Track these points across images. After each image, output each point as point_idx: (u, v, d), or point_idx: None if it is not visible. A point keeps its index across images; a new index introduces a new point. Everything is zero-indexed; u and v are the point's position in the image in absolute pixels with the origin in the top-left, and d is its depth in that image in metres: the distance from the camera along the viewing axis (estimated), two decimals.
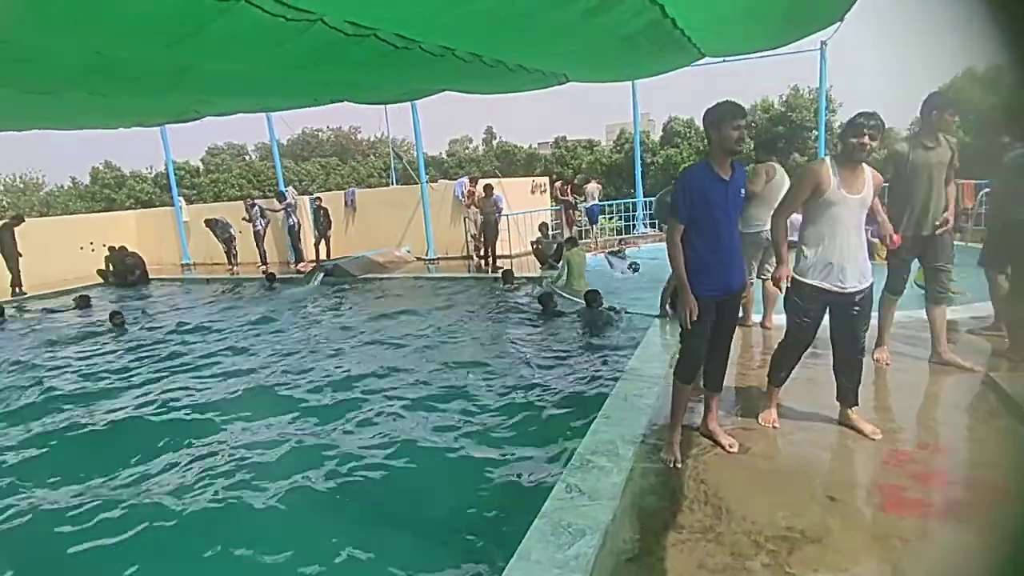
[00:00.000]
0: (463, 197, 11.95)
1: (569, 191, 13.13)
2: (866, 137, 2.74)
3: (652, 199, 14.41)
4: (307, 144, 41.25)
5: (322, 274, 10.78)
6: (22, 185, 32.56)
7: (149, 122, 8.69)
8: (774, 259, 5.04)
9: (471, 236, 11.62)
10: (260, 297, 10.30)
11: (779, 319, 4.31)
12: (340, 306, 9.05)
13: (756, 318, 5.15)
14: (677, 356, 2.94)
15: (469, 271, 10.86)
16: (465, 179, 12.42)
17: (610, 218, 15.65)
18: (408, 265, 12.07)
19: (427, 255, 12.42)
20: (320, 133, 42.39)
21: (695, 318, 2.70)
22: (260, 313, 8.60)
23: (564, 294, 7.89)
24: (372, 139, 42.34)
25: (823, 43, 12.11)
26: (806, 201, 2.93)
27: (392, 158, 18.67)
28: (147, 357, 6.56)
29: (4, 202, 30.64)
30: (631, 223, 14.32)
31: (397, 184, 17.38)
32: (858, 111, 2.81)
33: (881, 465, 2.72)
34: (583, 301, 6.61)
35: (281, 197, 13.14)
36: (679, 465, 2.79)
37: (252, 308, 9.24)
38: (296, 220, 12.68)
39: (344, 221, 14.00)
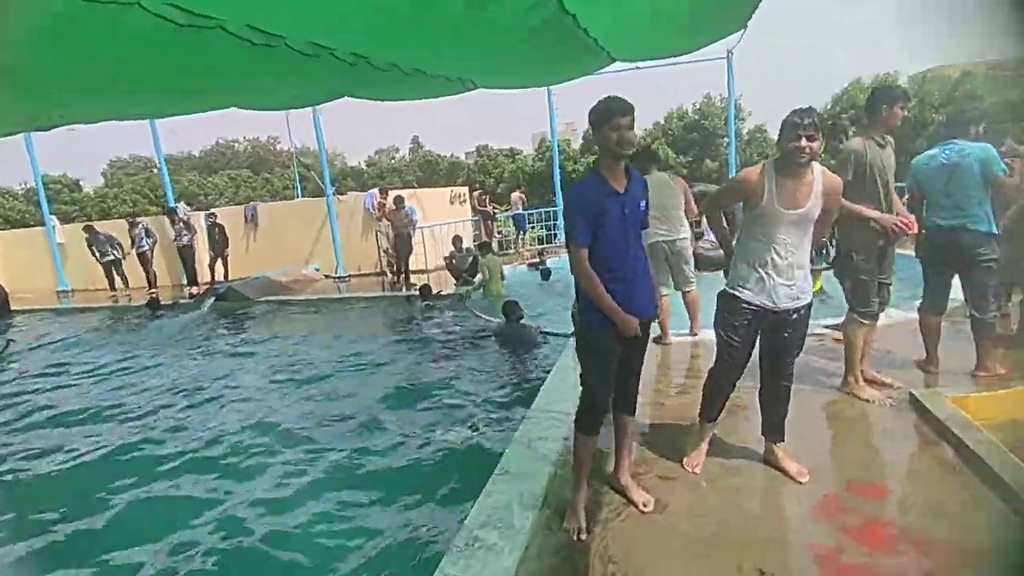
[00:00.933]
0: (374, 210, 11.21)
1: (488, 201, 12.68)
2: (803, 140, 2.34)
3: None
4: (221, 155, 38.70)
5: (212, 298, 9.69)
6: None
7: None
8: (688, 266, 4.87)
9: (383, 251, 10.91)
10: (140, 327, 9.09)
11: (707, 334, 3.99)
12: (229, 335, 8.08)
13: (677, 335, 4.85)
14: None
15: (383, 289, 10.13)
16: (375, 190, 11.68)
17: (531, 227, 15.39)
18: (316, 284, 11.15)
19: (336, 272, 11.55)
20: (236, 144, 39.92)
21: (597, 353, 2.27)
22: (131, 347, 7.51)
23: (477, 313, 7.38)
24: (292, 149, 40.41)
25: (729, 52, 12.37)
26: (745, 208, 2.57)
27: (296, 168, 17.53)
28: None
29: None
30: (553, 232, 14.08)
31: (302, 197, 16.30)
32: (792, 109, 2.42)
33: (812, 517, 2.36)
34: (501, 315, 6.12)
35: (172, 214, 11.84)
36: (583, 536, 2.31)
37: (123, 341, 8.09)
38: (188, 239, 11.41)
39: (245, 238, 12.86)
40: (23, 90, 4.14)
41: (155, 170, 34.65)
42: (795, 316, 2.55)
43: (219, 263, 11.78)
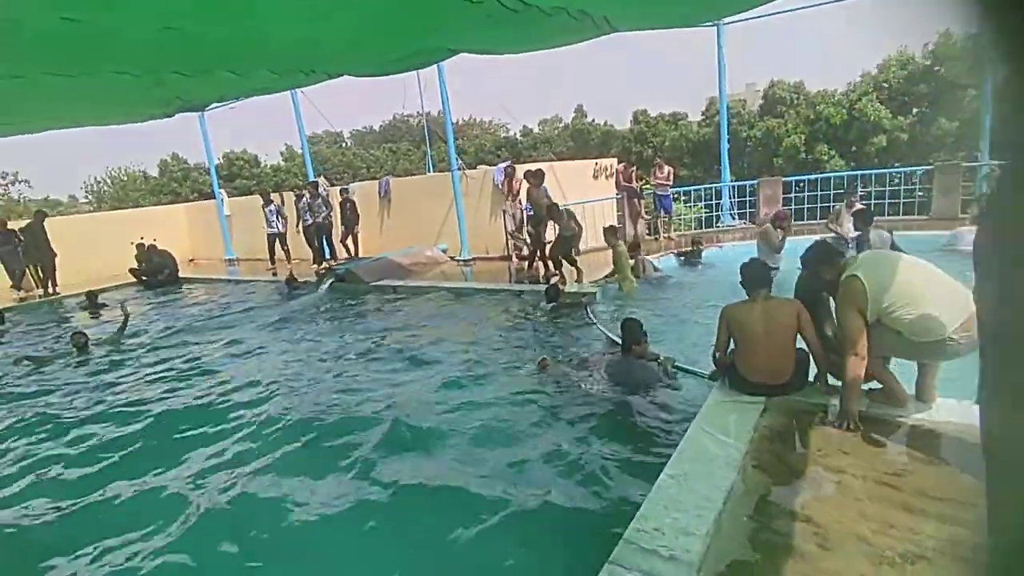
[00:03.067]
0: (502, 186, 9.98)
1: (634, 177, 10.70)
2: None
3: (749, 183, 11.79)
4: (397, 129, 40.67)
5: (332, 279, 9.30)
6: (126, 178, 34.67)
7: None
8: None
9: (509, 233, 9.65)
10: (269, 305, 9.01)
11: None
12: (334, 321, 7.50)
13: None
14: None
15: (509, 277, 8.92)
16: (503, 164, 10.42)
17: (690, 206, 13.02)
18: (441, 267, 10.34)
19: (461, 255, 10.62)
20: (410, 118, 41.76)
21: None
22: (248, 326, 7.35)
23: (599, 324, 5.76)
24: (460, 122, 41.13)
25: None
26: None
27: (427, 138, 16.94)
28: (84, 399, 5.30)
29: (108, 193, 32.72)
30: (715, 212, 11.66)
31: (433, 171, 15.66)
32: None
33: None
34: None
35: (314, 188, 11.84)
36: None
37: (247, 319, 7.97)
38: (318, 215, 11.24)
39: (379, 214, 12.54)
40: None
41: (342, 144, 37.87)
42: None
43: (350, 240, 11.53)
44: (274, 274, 11.50)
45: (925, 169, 10.22)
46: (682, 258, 8.69)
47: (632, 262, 7.41)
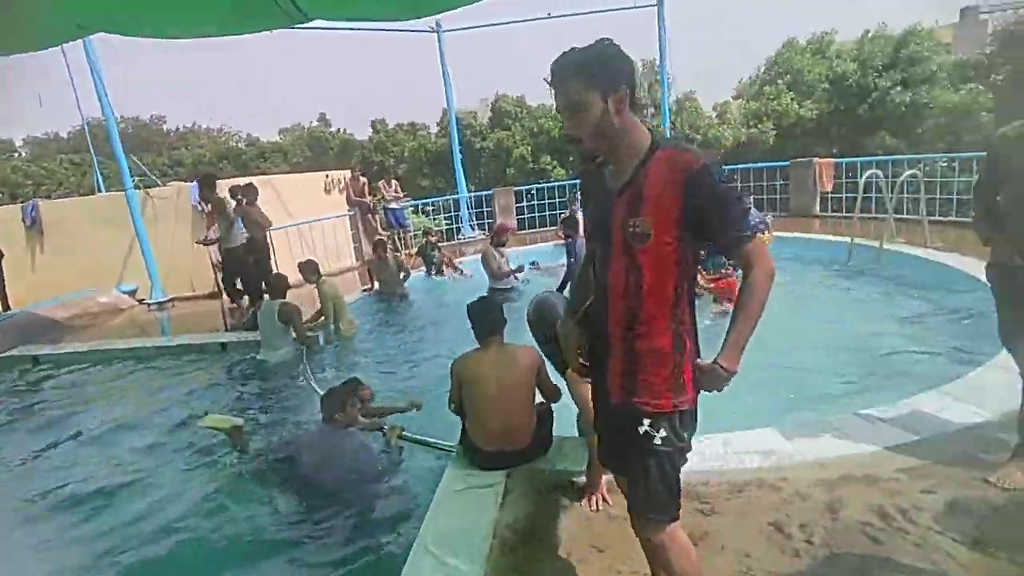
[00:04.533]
0: (201, 206, 8.06)
1: (366, 189, 9.76)
2: None
3: (485, 193, 11.81)
4: (94, 137, 32.13)
5: None
6: None
7: None
8: None
9: (215, 265, 7.83)
10: None
11: None
12: None
13: None
14: None
15: (224, 320, 7.11)
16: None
17: (432, 219, 12.63)
18: (124, 314, 7.91)
19: (152, 297, 8.32)
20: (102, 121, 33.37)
21: None
22: None
23: (313, 384, 4.62)
24: (181, 129, 34.36)
25: None
26: None
27: (89, 146, 13.60)
28: None
29: None
30: (457, 224, 11.45)
31: (105, 190, 12.36)
32: None
33: None
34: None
35: None
36: None
37: None
38: None
39: (28, 249, 9.23)
40: None
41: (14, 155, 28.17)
42: None
43: None
44: None
45: None
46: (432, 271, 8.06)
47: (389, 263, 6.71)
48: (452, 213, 11.44)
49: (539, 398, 2.76)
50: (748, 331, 1.41)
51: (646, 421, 1.48)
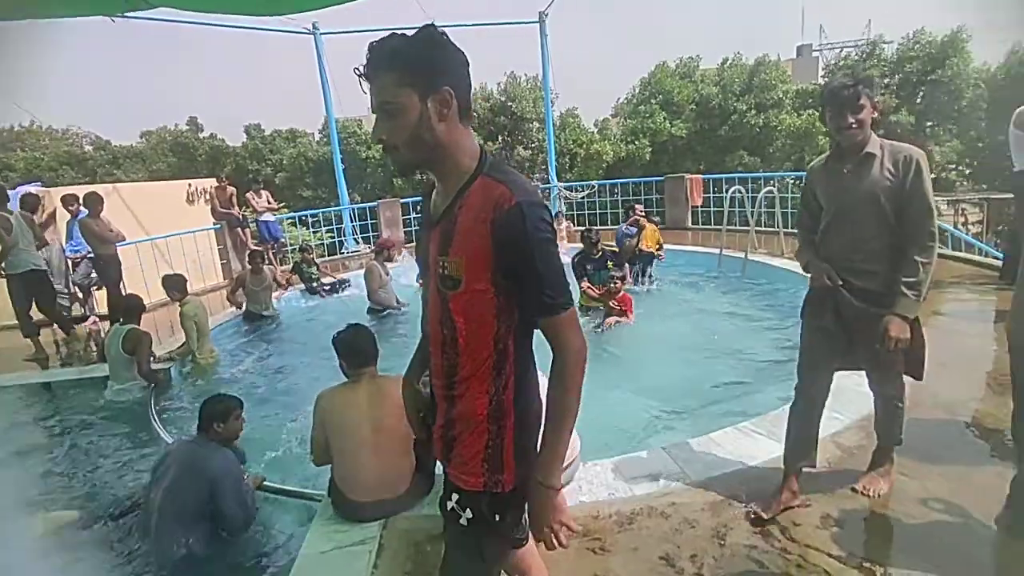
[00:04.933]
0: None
1: (234, 200, 8.88)
2: None
3: (369, 205, 11.23)
4: None
5: None
6: None
7: None
8: None
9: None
10: None
11: None
12: None
13: None
14: None
15: (58, 353, 6.01)
16: (28, 187, 7.26)
17: (314, 232, 11.84)
18: None
19: None
20: None
21: None
22: None
23: (158, 424, 3.98)
24: (17, 128, 29.37)
25: (543, 14, 10.36)
26: None
27: None
28: None
29: None
30: (341, 238, 10.81)
31: None
32: None
33: None
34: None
35: None
36: None
37: None
38: None
39: None
40: None
41: None
42: None
43: None
44: None
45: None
46: (314, 289, 7.43)
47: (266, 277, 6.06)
48: (335, 226, 10.78)
49: None
50: (565, 439, 1.16)
51: (454, 496, 1.27)
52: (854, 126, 1.97)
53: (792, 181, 9.81)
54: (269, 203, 9.05)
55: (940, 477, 2.39)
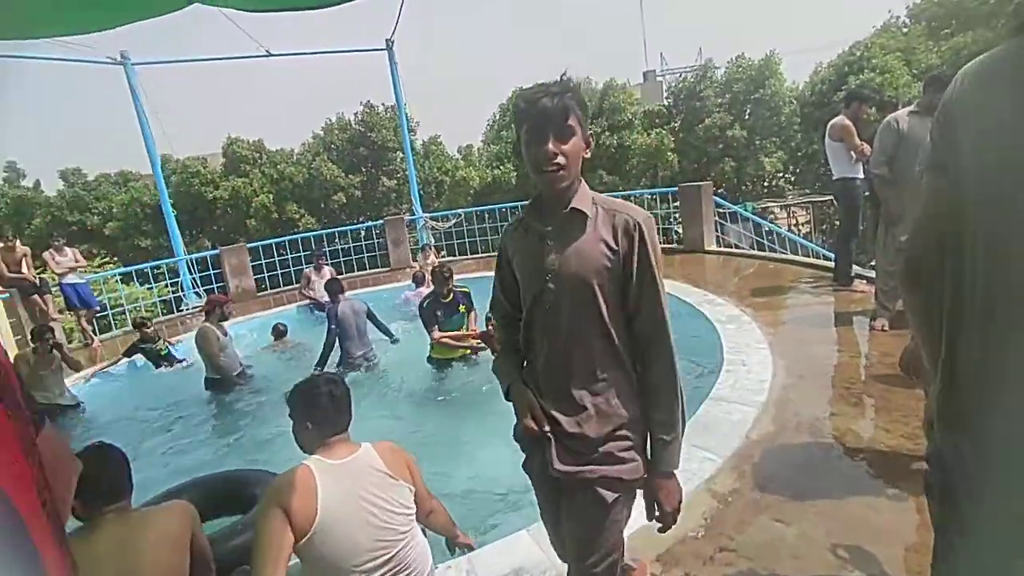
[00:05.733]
0: None
1: (25, 263, 7.29)
2: None
3: (210, 253, 9.99)
4: None
5: None
6: None
7: None
8: None
9: None
10: None
11: None
12: None
13: None
14: None
15: None
16: None
17: (150, 288, 10.28)
18: None
19: None
20: None
21: None
22: None
23: None
24: None
25: (389, 41, 9.94)
26: None
27: None
28: None
29: None
30: (178, 292, 9.43)
31: None
32: None
33: None
34: None
35: None
36: None
37: None
38: None
39: None
40: None
41: None
42: None
43: None
44: None
45: (379, 223, 10.83)
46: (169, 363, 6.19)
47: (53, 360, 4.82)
48: (170, 280, 9.40)
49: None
50: None
51: None
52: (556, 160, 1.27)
53: (649, 197, 10.23)
54: (77, 261, 7.59)
55: (817, 516, 2.22)
